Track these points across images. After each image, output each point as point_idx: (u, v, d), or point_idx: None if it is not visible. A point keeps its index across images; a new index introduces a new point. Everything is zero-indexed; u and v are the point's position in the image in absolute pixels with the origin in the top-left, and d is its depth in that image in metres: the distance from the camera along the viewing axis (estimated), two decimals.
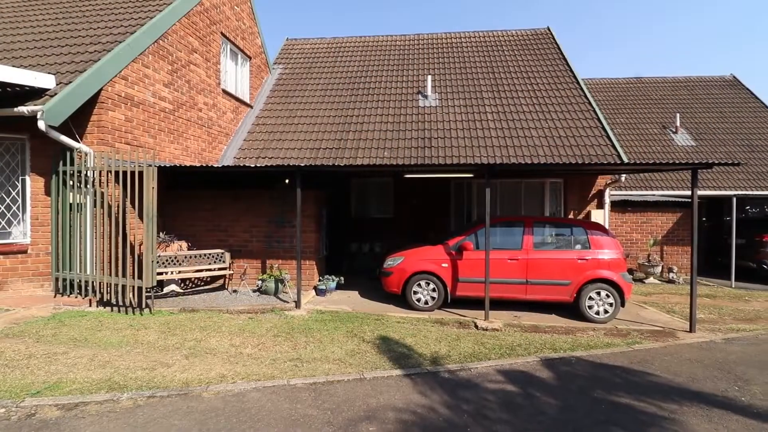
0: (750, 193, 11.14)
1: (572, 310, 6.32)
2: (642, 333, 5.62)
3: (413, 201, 10.31)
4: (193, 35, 8.32)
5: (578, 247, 6.37)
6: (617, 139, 13.21)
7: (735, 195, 9.70)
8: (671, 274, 9.75)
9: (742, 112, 14.95)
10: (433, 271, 6.45)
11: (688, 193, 11.13)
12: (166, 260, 6.59)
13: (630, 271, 9.86)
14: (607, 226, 8.72)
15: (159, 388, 3.64)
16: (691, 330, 5.69)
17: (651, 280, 9.55)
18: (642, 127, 14.12)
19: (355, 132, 9.92)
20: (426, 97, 11.00)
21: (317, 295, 7.38)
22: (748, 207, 12.58)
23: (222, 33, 9.49)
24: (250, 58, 10.97)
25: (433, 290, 6.48)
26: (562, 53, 12.62)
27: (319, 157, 9.22)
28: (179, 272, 6.81)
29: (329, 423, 3.14)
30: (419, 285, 6.52)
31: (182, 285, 7.32)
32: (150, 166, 5.68)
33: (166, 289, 6.97)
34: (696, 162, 5.98)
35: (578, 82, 11.18)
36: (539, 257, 6.29)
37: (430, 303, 6.48)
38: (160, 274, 6.42)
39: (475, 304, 6.44)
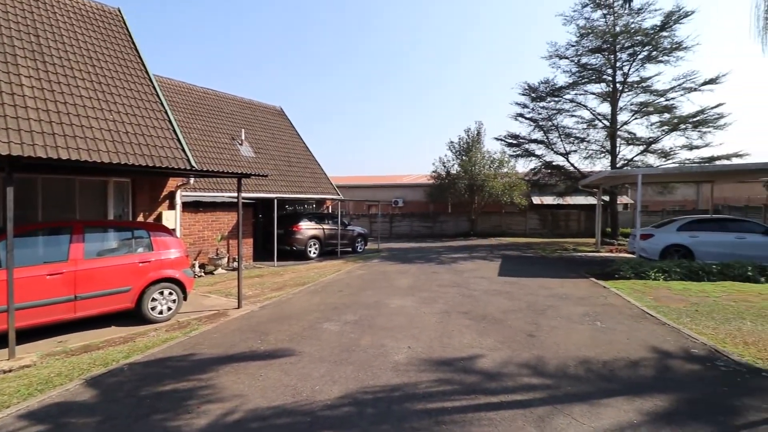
0: (286, 195, 15.36)
1: (136, 315, 6.14)
2: (201, 320, 6.38)
3: None
4: None
5: (141, 250, 6.26)
6: (191, 143, 14.16)
7: (276, 197, 13.03)
8: (235, 263, 11.69)
9: (285, 135, 20.21)
10: None
11: (248, 195, 13.83)
12: None
13: (202, 266, 10.92)
14: (178, 226, 9.15)
15: None
16: (239, 306, 7.10)
17: (220, 270, 11.02)
18: (215, 135, 15.86)
19: None
20: None
21: None
22: (287, 205, 17.27)
23: None
24: None
25: None
26: (133, 42, 11.79)
27: None
28: None
29: None
30: None
31: None
32: None
33: None
34: (240, 173, 7.45)
35: (150, 79, 10.89)
36: (93, 267, 5.61)
37: None
38: None
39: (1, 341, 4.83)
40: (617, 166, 19.19)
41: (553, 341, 5.23)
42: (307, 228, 14.07)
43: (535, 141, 21.62)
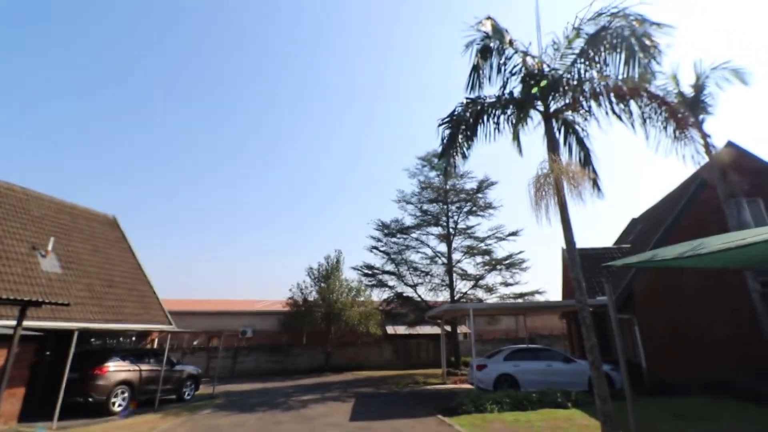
0: (95, 325, 12.14)
1: None
2: None
3: None
4: None
5: None
6: None
7: (78, 328, 10.12)
8: None
9: (113, 249, 17.10)
10: None
11: (35, 324, 10.45)
12: None
13: None
14: None
15: None
16: None
17: None
18: (7, 242, 12.37)
19: None
20: None
21: None
22: (93, 339, 13.54)
23: None
24: None
25: None
26: None
27: None
28: None
29: None
30: None
31: None
32: None
33: None
34: (26, 299, 5.62)
35: None
36: None
37: None
38: None
39: None
40: (455, 298, 21.71)
41: None
42: (115, 370, 10.90)
43: (388, 272, 23.32)
